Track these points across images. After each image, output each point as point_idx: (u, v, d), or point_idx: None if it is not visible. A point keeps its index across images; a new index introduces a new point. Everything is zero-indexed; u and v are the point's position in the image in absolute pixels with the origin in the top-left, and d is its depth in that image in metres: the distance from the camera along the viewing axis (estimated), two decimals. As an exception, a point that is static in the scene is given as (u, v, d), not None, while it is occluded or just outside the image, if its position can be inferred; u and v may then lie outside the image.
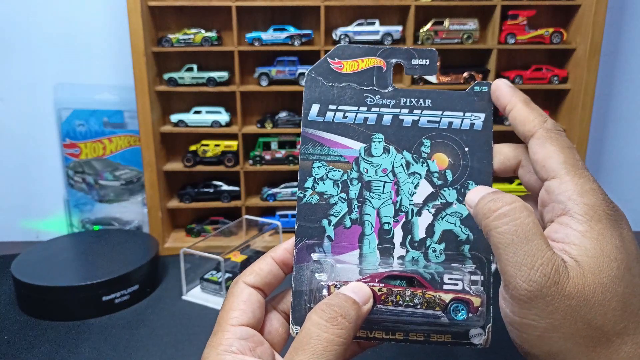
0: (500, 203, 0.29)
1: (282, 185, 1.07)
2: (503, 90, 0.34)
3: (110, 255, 0.91)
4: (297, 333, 0.33)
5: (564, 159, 0.29)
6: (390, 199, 0.36)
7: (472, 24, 0.99)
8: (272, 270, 0.36)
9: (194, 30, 0.98)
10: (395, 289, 0.33)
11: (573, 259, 0.27)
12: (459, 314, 0.33)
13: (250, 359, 0.31)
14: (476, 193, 0.31)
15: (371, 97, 0.37)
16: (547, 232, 0.29)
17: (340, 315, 0.29)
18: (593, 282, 0.27)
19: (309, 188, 0.36)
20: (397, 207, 0.36)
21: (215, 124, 1.02)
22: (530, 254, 0.27)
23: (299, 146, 1.04)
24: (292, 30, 0.98)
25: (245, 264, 0.91)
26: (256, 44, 0.98)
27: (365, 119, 0.37)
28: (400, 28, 0.99)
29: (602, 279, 0.27)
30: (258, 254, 0.95)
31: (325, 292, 0.34)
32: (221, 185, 1.06)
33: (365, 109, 0.37)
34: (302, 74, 1.00)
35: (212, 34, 0.98)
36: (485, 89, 0.36)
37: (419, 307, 0.33)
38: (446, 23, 0.99)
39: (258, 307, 0.34)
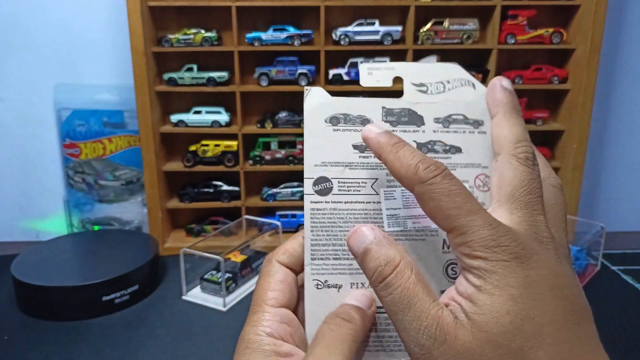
0: (386, 270, 0.28)
1: (282, 186, 1.07)
2: (492, 95, 0.32)
3: (110, 255, 0.91)
4: None
5: (510, 191, 0.28)
6: None
7: (472, 24, 0.99)
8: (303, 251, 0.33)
9: (194, 30, 0.98)
10: None
11: (467, 316, 0.26)
12: None
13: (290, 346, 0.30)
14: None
15: None
16: (455, 286, 0.28)
17: (346, 320, 0.30)
18: (481, 339, 0.25)
19: None
20: None
21: (215, 124, 1.02)
22: (415, 318, 0.26)
23: (299, 146, 1.04)
24: (292, 30, 0.98)
25: (245, 264, 0.91)
26: (256, 44, 0.98)
27: None
28: (400, 28, 0.99)
29: (491, 337, 0.25)
30: (258, 254, 0.96)
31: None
32: (221, 185, 1.06)
33: None
34: (302, 74, 1.00)
35: (212, 34, 0.98)
36: None
37: None
38: (446, 23, 0.98)
39: (295, 287, 0.33)
